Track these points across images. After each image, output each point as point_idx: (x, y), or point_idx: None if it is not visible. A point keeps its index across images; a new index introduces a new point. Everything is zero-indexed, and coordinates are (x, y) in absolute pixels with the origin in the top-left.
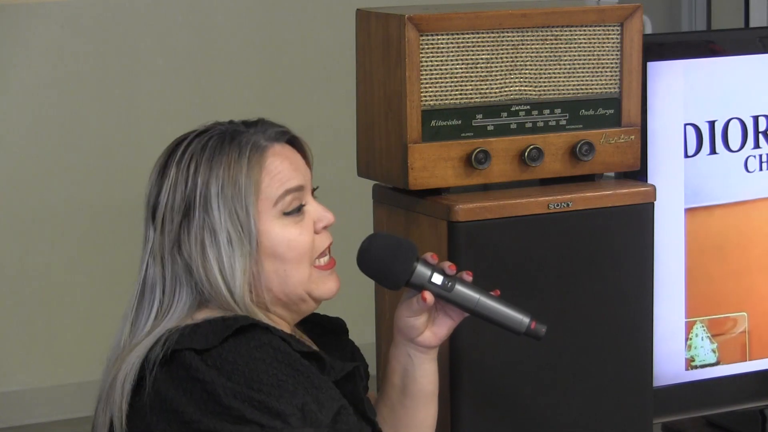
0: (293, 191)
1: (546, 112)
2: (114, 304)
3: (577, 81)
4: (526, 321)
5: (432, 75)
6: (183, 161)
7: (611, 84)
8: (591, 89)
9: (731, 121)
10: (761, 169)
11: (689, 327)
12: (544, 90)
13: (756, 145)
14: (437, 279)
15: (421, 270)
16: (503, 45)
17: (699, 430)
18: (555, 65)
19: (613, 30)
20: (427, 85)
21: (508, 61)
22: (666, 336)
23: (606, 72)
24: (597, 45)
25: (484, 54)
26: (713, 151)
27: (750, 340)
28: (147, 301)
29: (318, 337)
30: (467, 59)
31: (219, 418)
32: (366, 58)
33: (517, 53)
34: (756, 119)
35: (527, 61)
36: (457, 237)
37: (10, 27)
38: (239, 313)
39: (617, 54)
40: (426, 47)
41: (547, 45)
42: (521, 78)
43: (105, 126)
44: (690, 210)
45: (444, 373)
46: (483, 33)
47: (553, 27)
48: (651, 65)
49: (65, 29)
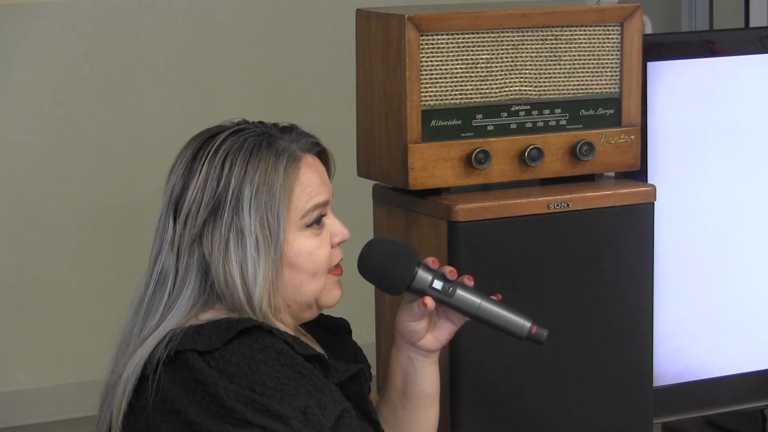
0: (320, 206)
1: (546, 112)
2: (114, 304)
3: (577, 81)
4: (527, 325)
5: (432, 75)
6: (216, 157)
7: (611, 84)
8: (591, 89)
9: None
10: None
11: None
12: (544, 90)
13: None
14: (438, 284)
15: (422, 275)
16: (503, 45)
17: (699, 430)
18: (555, 65)
19: (613, 30)
20: (427, 85)
21: (508, 61)
22: (666, 336)
23: (606, 72)
24: (597, 45)
25: (484, 54)
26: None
27: None
28: (159, 292)
29: (321, 338)
30: (467, 59)
31: (221, 420)
32: (366, 58)
33: (517, 53)
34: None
35: (527, 61)
36: (457, 237)
37: (10, 27)
38: (250, 315)
39: (617, 54)
40: (426, 47)
41: (547, 45)
42: (521, 78)
43: (105, 126)
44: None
45: (444, 374)
46: (483, 33)
47: (553, 27)
48: (651, 65)
49: (65, 29)
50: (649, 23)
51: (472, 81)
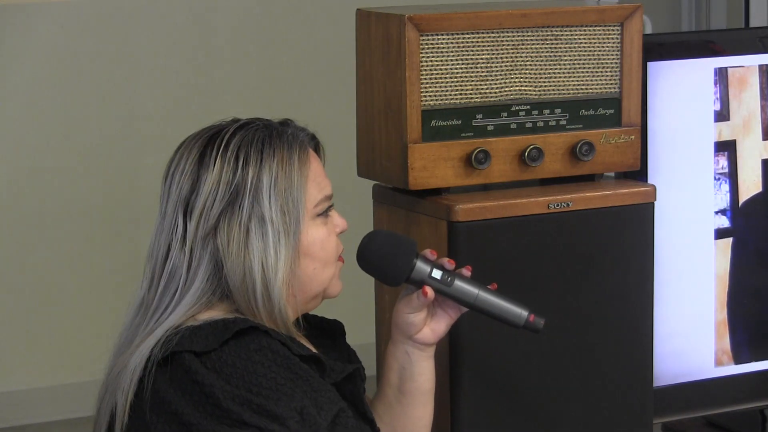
0: (329, 198)
1: (546, 112)
2: (114, 304)
3: (577, 81)
4: (524, 314)
5: (432, 75)
6: (228, 152)
7: (611, 84)
8: (591, 89)
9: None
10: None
11: None
12: (544, 90)
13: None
14: (437, 273)
15: (421, 266)
16: (503, 45)
17: (699, 430)
18: (555, 65)
19: (613, 30)
20: (427, 85)
21: (508, 61)
22: (666, 336)
23: (606, 72)
24: (597, 45)
25: (484, 54)
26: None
27: None
28: (168, 290)
29: (316, 339)
30: (467, 59)
31: (218, 421)
32: (366, 58)
33: (517, 53)
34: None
35: (527, 61)
36: (457, 237)
37: (10, 27)
38: (260, 311)
39: (617, 54)
40: (426, 47)
41: (547, 45)
42: (521, 78)
43: (105, 126)
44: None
45: (444, 373)
46: (483, 33)
47: (553, 27)
48: (651, 65)
49: (65, 29)
50: (649, 23)
51: (472, 81)
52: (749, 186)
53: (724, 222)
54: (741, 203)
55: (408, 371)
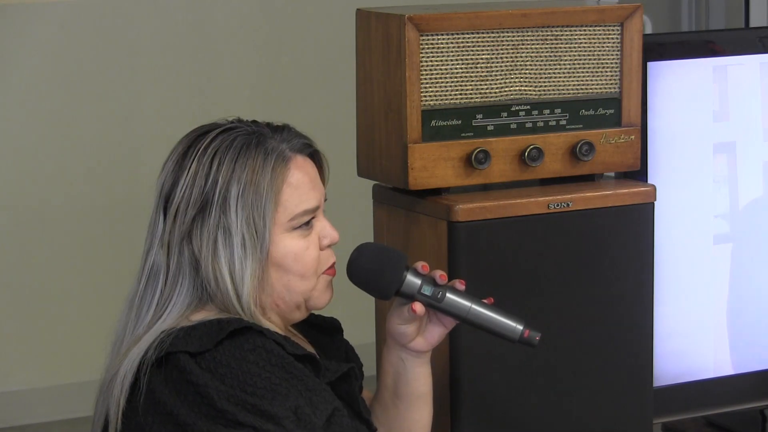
0: (310, 212)
1: (546, 112)
2: (114, 304)
3: (577, 81)
4: (519, 329)
5: (432, 75)
6: (206, 155)
7: (611, 84)
8: (591, 89)
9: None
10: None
11: None
12: (544, 90)
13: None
14: (427, 289)
15: (411, 280)
16: (503, 45)
17: (699, 430)
18: (555, 65)
19: (613, 30)
20: (427, 85)
21: (508, 61)
22: (666, 336)
23: (606, 72)
24: (597, 45)
25: (484, 54)
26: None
27: None
28: (150, 289)
29: (313, 337)
30: (467, 59)
31: (213, 421)
32: (366, 58)
33: (517, 53)
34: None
35: (527, 61)
36: (457, 237)
37: (10, 27)
38: (241, 315)
39: (617, 54)
40: (426, 47)
41: (547, 45)
42: (521, 78)
43: (105, 126)
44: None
45: (443, 375)
46: (483, 33)
47: (553, 27)
48: (651, 65)
49: (65, 29)
50: (649, 23)
51: (472, 81)
52: (749, 187)
53: (723, 223)
54: (741, 206)
55: (403, 376)
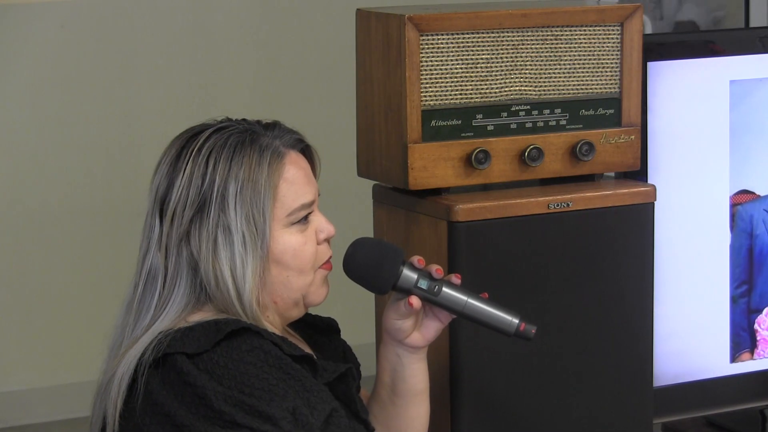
0: (307, 206)
1: (546, 112)
2: (114, 304)
3: (577, 81)
4: (515, 323)
5: (432, 75)
6: (200, 155)
7: (611, 84)
8: (591, 89)
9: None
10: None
11: None
12: (544, 90)
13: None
14: (423, 283)
15: (407, 274)
16: (503, 45)
17: (699, 430)
18: (555, 65)
19: (613, 30)
20: (427, 85)
21: (508, 61)
22: (666, 336)
23: (606, 72)
24: (597, 45)
25: (484, 54)
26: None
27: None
28: (149, 292)
29: (310, 338)
30: (467, 59)
31: (210, 422)
32: (366, 58)
33: (517, 53)
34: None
35: (527, 61)
36: (457, 237)
37: (10, 27)
38: (240, 314)
39: (617, 54)
40: (426, 47)
41: (547, 45)
42: (521, 78)
43: (105, 126)
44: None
45: (443, 374)
46: (483, 33)
47: (553, 27)
48: (651, 65)
49: (65, 29)
50: (649, 23)
51: (472, 81)
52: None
53: (723, 223)
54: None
55: (400, 373)
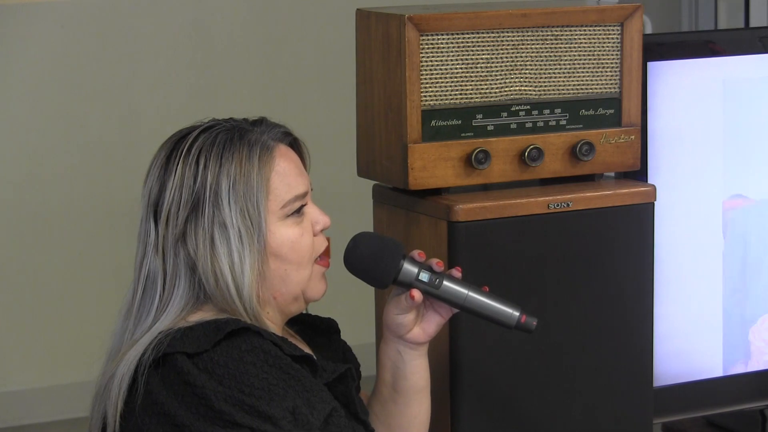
0: (300, 197)
1: (546, 112)
2: (114, 304)
3: (577, 81)
4: (516, 315)
5: (432, 75)
6: (190, 156)
7: (611, 84)
8: (591, 89)
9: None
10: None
11: None
12: (544, 90)
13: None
14: (424, 276)
15: (408, 268)
16: (503, 45)
17: (699, 430)
18: (555, 65)
19: (613, 30)
20: (427, 85)
21: (508, 61)
22: (666, 336)
23: (606, 72)
24: (597, 45)
25: (484, 54)
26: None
27: None
28: (149, 296)
29: (310, 338)
30: (467, 59)
31: (210, 422)
32: (366, 58)
33: (517, 53)
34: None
35: (527, 61)
36: (457, 237)
37: (10, 27)
38: (240, 312)
39: (617, 54)
40: (426, 47)
41: (547, 45)
42: (521, 78)
43: (105, 126)
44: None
45: (444, 374)
46: (483, 33)
47: (553, 27)
48: (651, 65)
49: (65, 29)
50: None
51: (472, 81)
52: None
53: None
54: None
55: (401, 370)
